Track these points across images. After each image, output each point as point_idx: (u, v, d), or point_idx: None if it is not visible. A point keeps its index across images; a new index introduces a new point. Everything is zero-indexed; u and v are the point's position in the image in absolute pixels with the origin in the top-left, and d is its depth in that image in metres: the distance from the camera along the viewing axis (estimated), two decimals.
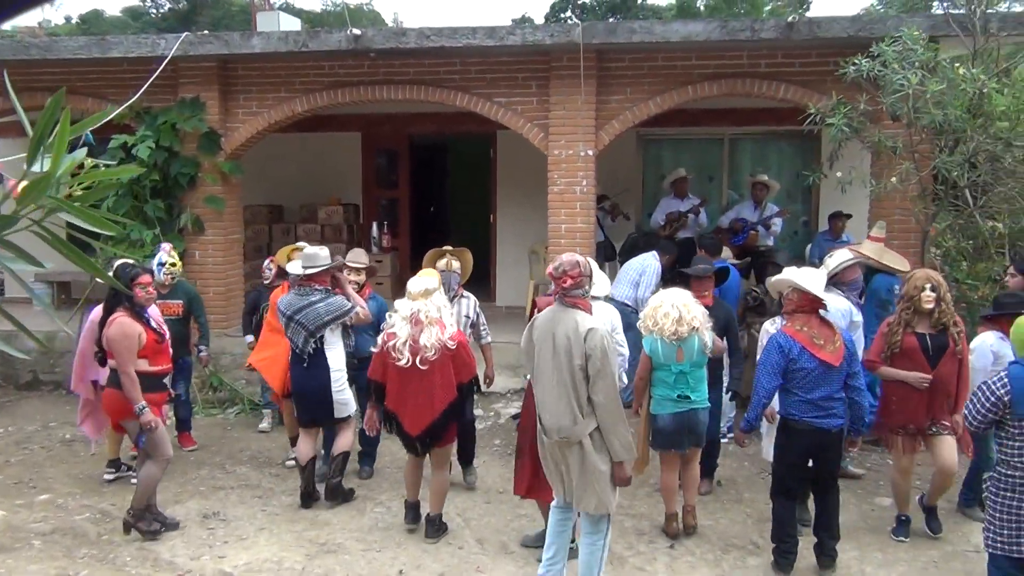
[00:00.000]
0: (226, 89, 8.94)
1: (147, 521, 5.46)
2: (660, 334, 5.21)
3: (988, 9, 6.82)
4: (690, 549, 5.38)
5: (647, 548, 5.39)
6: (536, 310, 5.02)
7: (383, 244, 10.79)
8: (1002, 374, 4.17)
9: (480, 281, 11.22)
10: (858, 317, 6.20)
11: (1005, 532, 4.10)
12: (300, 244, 6.95)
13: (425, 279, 5.31)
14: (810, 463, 4.97)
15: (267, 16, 11.17)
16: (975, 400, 4.22)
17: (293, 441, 6.99)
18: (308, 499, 6.03)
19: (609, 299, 7.82)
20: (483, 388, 6.63)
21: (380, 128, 11.07)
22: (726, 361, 6.18)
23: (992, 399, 4.10)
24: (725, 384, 6.22)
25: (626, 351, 5.89)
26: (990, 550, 4.21)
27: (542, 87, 8.32)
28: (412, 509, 5.61)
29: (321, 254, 6.05)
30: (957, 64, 6.48)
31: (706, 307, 5.51)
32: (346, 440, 6.01)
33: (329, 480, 6.05)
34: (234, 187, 9.21)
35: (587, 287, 4.44)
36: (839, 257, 6.25)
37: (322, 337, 5.82)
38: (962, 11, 7.13)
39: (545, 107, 8.32)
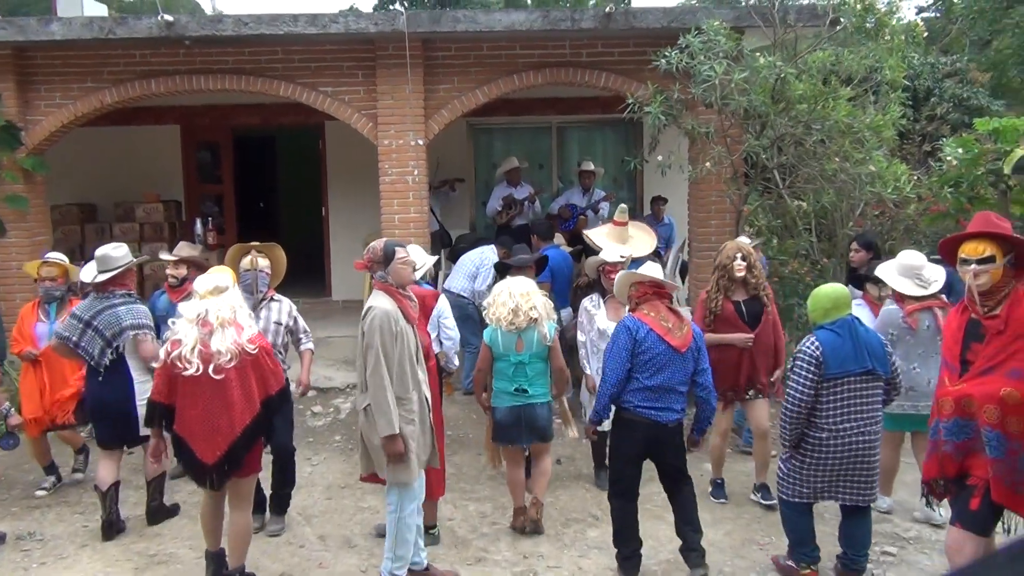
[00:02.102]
0: (24, 79, 8.26)
1: None
2: (498, 324, 5.20)
3: (786, 1, 7.32)
4: None
5: (490, 529, 5.47)
6: None
7: (208, 241, 10.32)
8: (811, 337, 4.50)
9: (315, 275, 11.02)
10: None
11: (807, 483, 4.50)
12: (51, 256, 6.24)
13: (215, 275, 4.57)
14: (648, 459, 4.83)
15: (69, 1, 10.40)
16: (796, 368, 4.47)
17: (46, 470, 6.29)
18: (110, 530, 5.30)
19: (446, 291, 7.92)
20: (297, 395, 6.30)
21: (200, 120, 10.57)
22: None
23: (810, 361, 4.39)
24: None
25: (455, 335, 5.98)
26: (787, 497, 4.61)
27: (369, 76, 8.22)
28: (214, 561, 4.70)
29: (115, 254, 5.31)
30: (758, 53, 6.92)
31: None
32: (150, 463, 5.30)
33: (148, 504, 5.55)
34: (39, 185, 8.53)
35: (379, 271, 4.48)
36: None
37: (121, 346, 5.26)
38: (764, 3, 7.63)
39: (373, 96, 8.21)
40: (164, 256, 6.55)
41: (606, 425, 5.00)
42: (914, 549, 5.14)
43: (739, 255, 5.58)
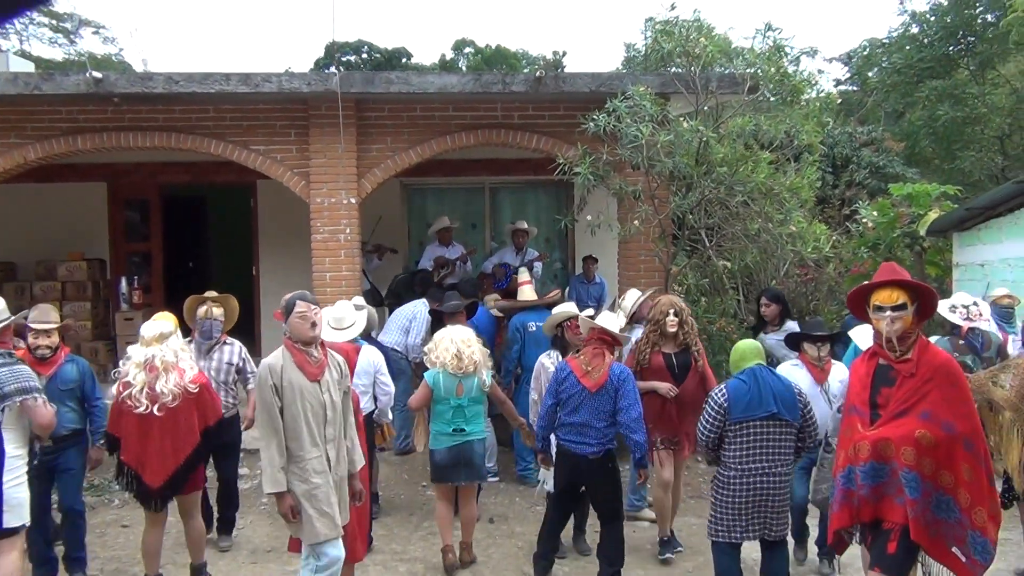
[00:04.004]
0: None
1: None
2: (443, 367, 5.50)
3: (705, 70, 7.61)
4: None
5: None
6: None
7: (133, 300, 10.10)
8: (722, 386, 4.74)
9: (245, 334, 10.78)
10: None
11: (725, 522, 4.68)
12: None
13: (160, 323, 5.06)
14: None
15: None
16: (704, 411, 4.74)
17: None
18: None
19: (378, 345, 7.88)
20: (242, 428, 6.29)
21: (128, 178, 10.42)
22: None
23: (716, 407, 4.65)
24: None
25: (392, 389, 5.98)
26: (713, 538, 4.76)
27: (302, 135, 8.24)
28: None
29: None
30: (681, 118, 7.17)
31: None
32: (10, 566, 4.48)
33: None
34: None
35: (284, 324, 4.46)
36: (631, 297, 6.79)
37: None
38: (687, 71, 7.92)
39: (305, 155, 8.23)
40: (37, 325, 5.29)
41: (549, 484, 5.46)
42: None
43: (672, 311, 5.73)
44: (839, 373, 5.57)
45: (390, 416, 6.19)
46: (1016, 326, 7.22)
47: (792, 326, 6.88)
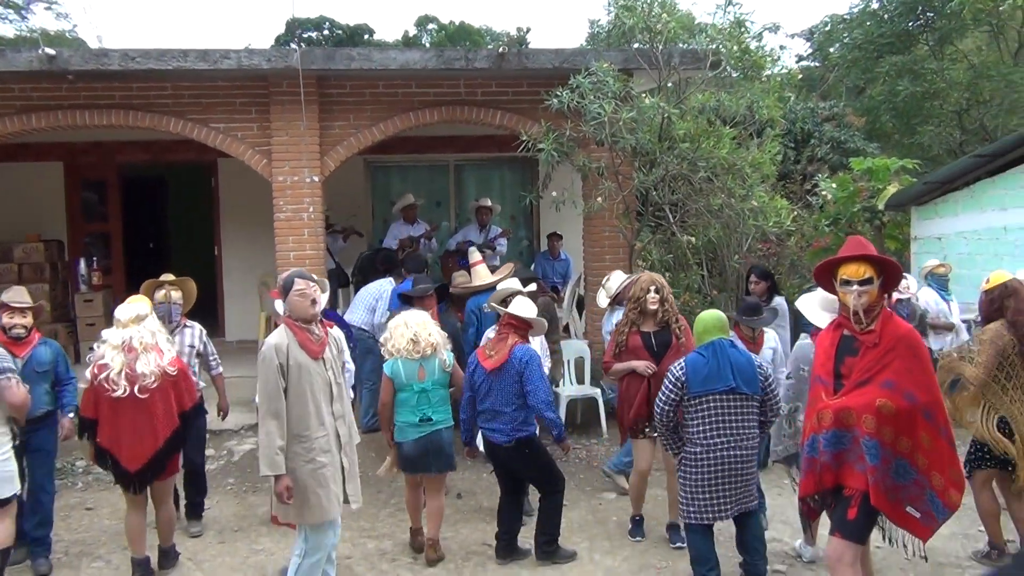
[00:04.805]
0: None
1: None
2: (399, 354, 5.34)
3: (667, 46, 7.63)
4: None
5: (389, 566, 5.39)
6: None
7: (93, 282, 9.94)
8: (681, 361, 4.75)
9: (208, 315, 10.68)
10: None
11: (697, 503, 4.66)
12: None
13: (135, 305, 5.04)
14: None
15: None
16: (663, 385, 4.76)
17: None
18: None
19: (339, 321, 7.85)
20: (220, 419, 6.30)
21: (85, 157, 10.23)
22: None
23: (673, 380, 4.68)
24: None
25: (351, 367, 5.94)
26: (686, 520, 4.75)
27: (263, 112, 8.13)
28: (140, 566, 5.02)
29: None
30: (644, 94, 7.20)
31: None
32: (3, 532, 4.79)
33: None
34: None
35: (283, 306, 4.48)
36: (616, 279, 6.75)
37: None
38: (649, 47, 7.94)
39: (267, 133, 8.13)
40: (13, 303, 5.35)
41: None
42: (802, 566, 5.32)
43: (652, 287, 5.55)
44: (769, 341, 5.89)
45: (351, 393, 6.13)
46: (951, 293, 7.67)
47: (780, 302, 6.95)
